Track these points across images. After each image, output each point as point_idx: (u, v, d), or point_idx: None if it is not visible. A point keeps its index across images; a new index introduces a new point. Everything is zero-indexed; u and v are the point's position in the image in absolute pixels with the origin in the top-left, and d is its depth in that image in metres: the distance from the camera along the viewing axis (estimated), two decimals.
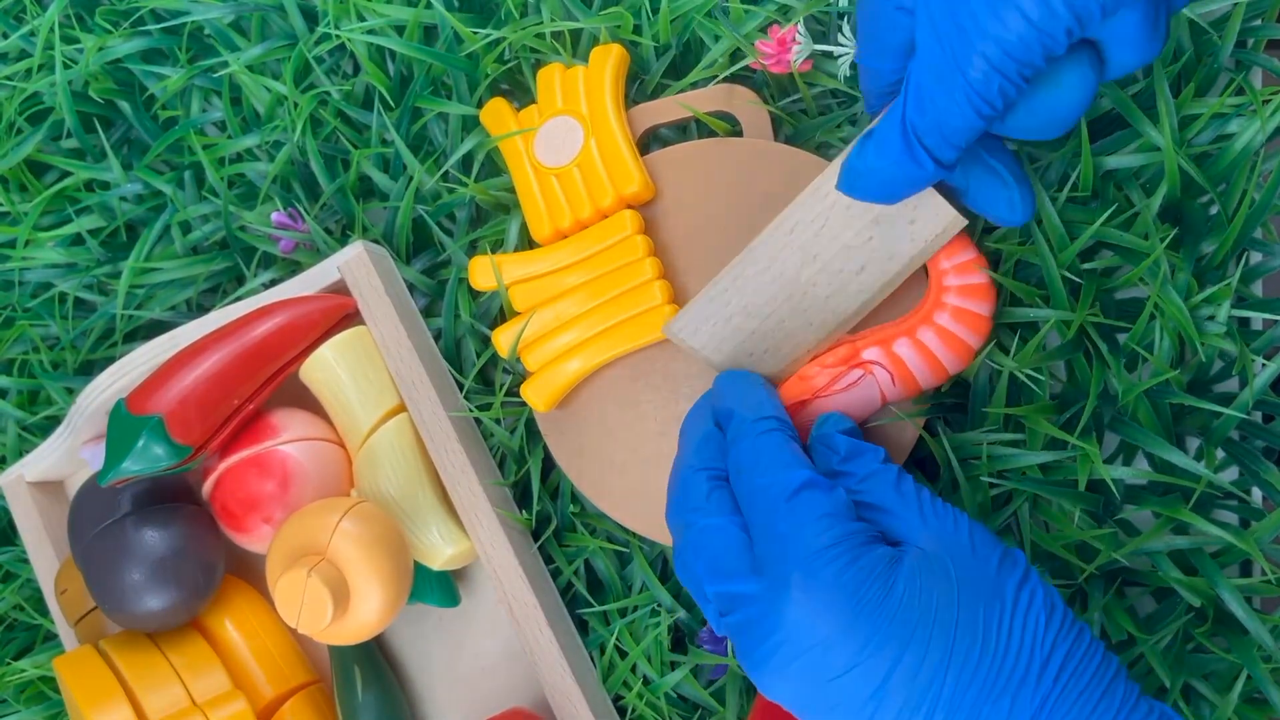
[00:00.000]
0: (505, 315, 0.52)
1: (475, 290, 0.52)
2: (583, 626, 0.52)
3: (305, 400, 0.52)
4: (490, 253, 0.52)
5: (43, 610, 0.59)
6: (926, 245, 0.42)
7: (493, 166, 0.53)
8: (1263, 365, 0.43)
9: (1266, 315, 0.43)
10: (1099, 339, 0.44)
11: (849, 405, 0.44)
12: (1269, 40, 0.45)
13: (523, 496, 0.52)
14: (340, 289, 0.52)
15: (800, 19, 0.47)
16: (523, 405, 0.50)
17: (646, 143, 0.51)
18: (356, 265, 0.51)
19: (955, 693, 0.34)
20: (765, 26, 0.48)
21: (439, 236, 0.53)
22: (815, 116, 0.48)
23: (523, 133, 0.50)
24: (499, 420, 0.51)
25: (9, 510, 0.57)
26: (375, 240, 0.54)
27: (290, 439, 0.50)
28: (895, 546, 0.37)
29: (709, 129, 0.50)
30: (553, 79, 0.50)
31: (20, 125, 0.61)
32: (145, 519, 0.49)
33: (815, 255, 0.43)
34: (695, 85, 0.50)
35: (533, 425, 0.51)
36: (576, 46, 0.51)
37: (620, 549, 0.51)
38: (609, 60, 0.49)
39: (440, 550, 0.50)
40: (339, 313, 0.52)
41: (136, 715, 0.48)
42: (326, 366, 0.50)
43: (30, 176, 0.61)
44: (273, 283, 0.55)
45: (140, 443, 0.47)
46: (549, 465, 0.52)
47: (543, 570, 0.51)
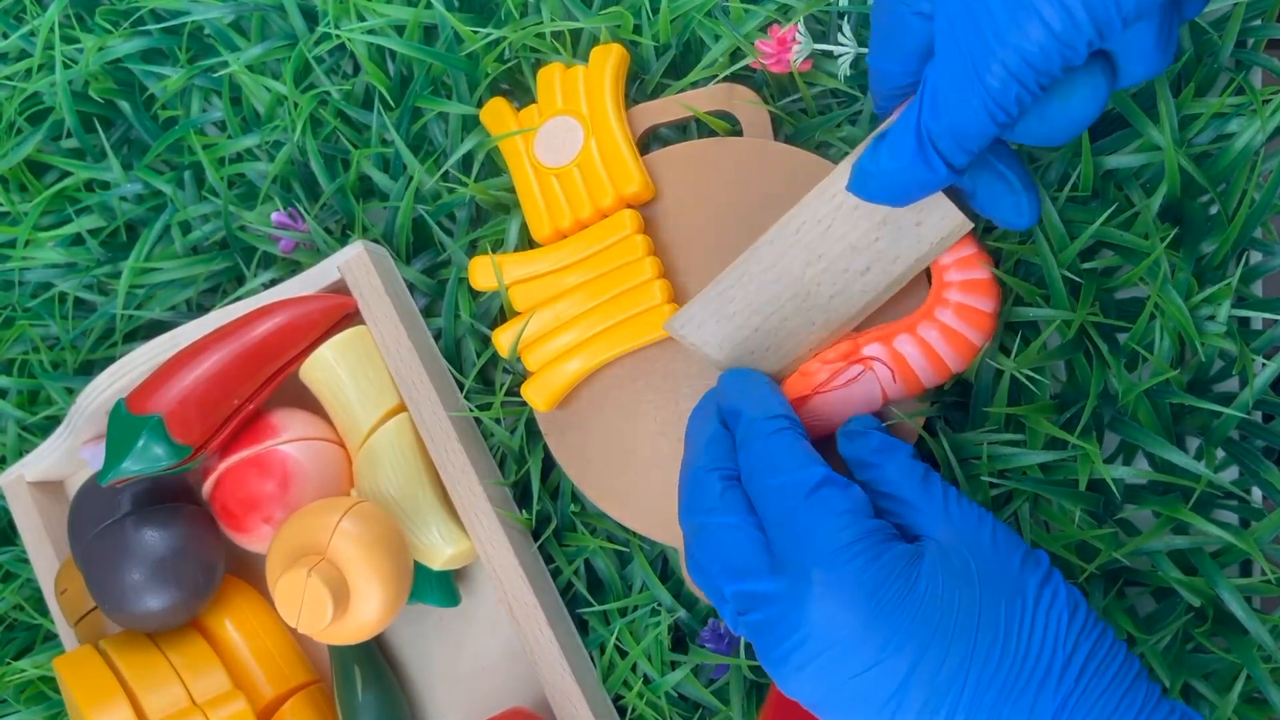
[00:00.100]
0: (505, 315, 0.52)
1: (475, 290, 0.52)
2: (583, 626, 0.52)
3: (305, 400, 0.52)
4: (490, 252, 0.52)
5: (43, 610, 0.59)
6: (932, 247, 0.42)
7: (493, 166, 0.53)
8: (1263, 365, 0.43)
9: (1266, 315, 0.43)
10: (1099, 339, 0.44)
11: (849, 401, 0.43)
12: (1269, 40, 0.45)
13: (523, 496, 0.52)
14: (340, 289, 0.52)
15: (800, 19, 0.47)
16: (523, 405, 0.50)
17: (646, 142, 0.51)
18: (356, 265, 0.51)
19: (976, 692, 0.34)
20: (765, 26, 0.48)
21: (439, 236, 0.53)
22: (815, 116, 0.48)
23: (523, 133, 0.50)
24: (499, 420, 0.51)
25: (9, 510, 0.57)
26: (375, 240, 0.54)
27: (290, 439, 0.50)
28: (914, 542, 0.37)
29: (709, 129, 0.50)
30: (553, 79, 0.50)
31: (20, 125, 0.61)
32: (145, 519, 0.49)
33: (820, 255, 0.43)
34: (695, 85, 0.50)
35: (533, 425, 0.51)
36: (576, 46, 0.51)
37: (620, 549, 0.51)
38: (609, 60, 0.49)
39: (440, 550, 0.50)
40: (339, 313, 0.52)
41: (136, 715, 0.48)
42: (326, 366, 0.50)
43: (30, 176, 0.61)
44: (273, 283, 0.55)
45: (140, 443, 0.47)
46: (549, 465, 0.52)
47: (543, 570, 0.51)
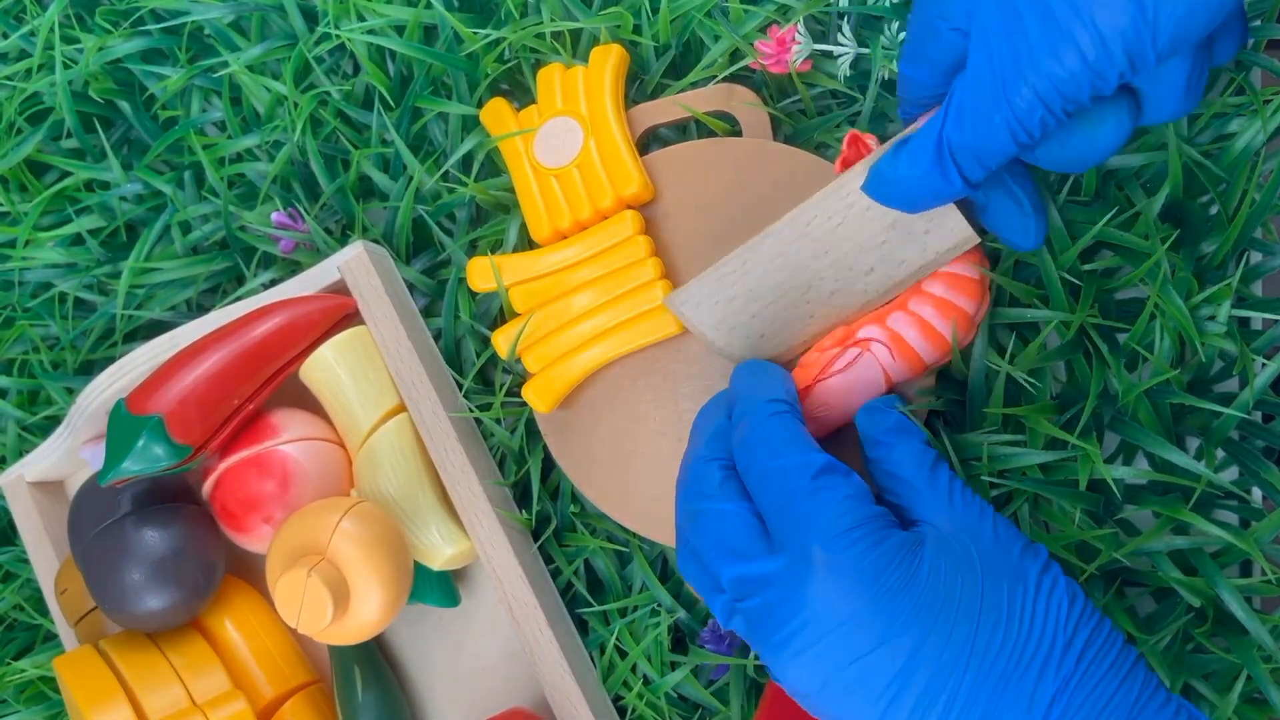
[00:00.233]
0: (505, 316, 0.52)
1: (475, 290, 0.52)
2: (583, 626, 0.52)
3: (305, 400, 0.52)
4: (490, 253, 0.52)
5: (43, 610, 0.59)
6: (938, 256, 0.42)
7: (493, 166, 0.53)
8: (1263, 365, 0.43)
9: (1266, 315, 0.43)
10: (1099, 339, 0.44)
11: (851, 386, 0.43)
12: (1269, 40, 0.45)
13: (523, 496, 0.52)
14: (340, 289, 0.52)
15: (800, 19, 0.47)
16: (523, 405, 0.50)
17: (646, 143, 0.51)
18: (356, 265, 0.51)
19: (979, 675, 0.34)
20: (765, 27, 0.48)
21: (439, 236, 0.53)
22: (814, 117, 0.48)
23: (522, 134, 0.50)
24: (499, 420, 0.51)
25: (9, 510, 0.57)
26: (375, 240, 0.54)
27: (290, 439, 0.50)
28: (913, 527, 0.38)
29: (708, 129, 0.50)
30: (552, 79, 0.50)
31: (20, 125, 0.61)
32: (145, 519, 0.49)
33: (828, 250, 0.43)
34: (695, 85, 0.50)
35: (533, 425, 0.51)
36: (576, 46, 0.51)
37: (620, 549, 0.51)
38: (609, 61, 0.49)
39: (440, 550, 0.50)
40: (339, 313, 0.52)
41: (136, 715, 0.48)
42: (326, 366, 0.50)
43: (30, 176, 0.61)
44: (273, 283, 0.55)
45: (140, 443, 0.47)
46: (549, 465, 0.52)
47: (543, 570, 0.51)
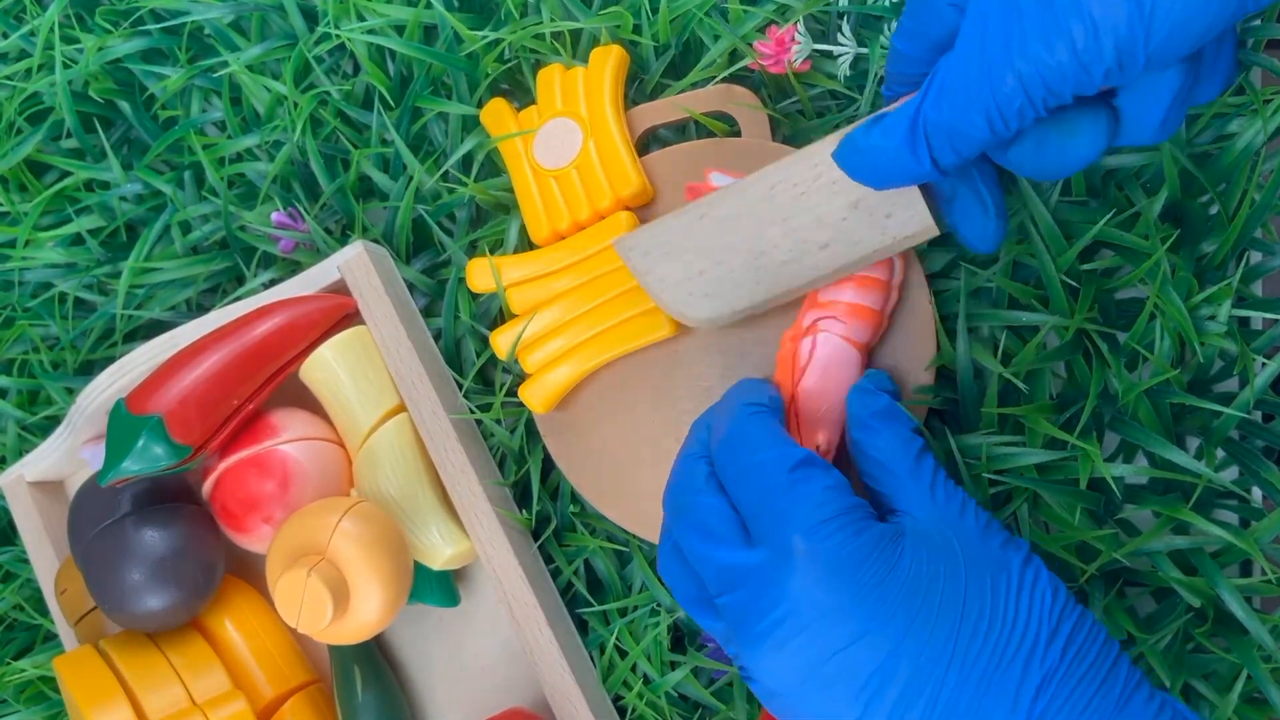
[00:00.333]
0: (504, 316, 0.52)
1: (474, 290, 0.52)
2: (583, 626, 0.52)
3: (305, 400, 0.52)
4: (490, 253, 0.52)
5: (43, 610, 0.59)
6: (894, 243, 0.41)
7: (493, 167, 0.53)
8: (1263, 365, 0.43)
9: (1267, 315, 0.43)
10: (1099, 339, 0.44)
11: (826, 371, 0.43)
12: (1269, 40, 0.45)
13: (523, 496, 0.52)
14: (340, 289, 0.52)
15: (799, 19, 0.47)
16: (522, 405, 0.50)
17: (646, 143, 0.51)
18: (356, 265, 0.51)
19: (963, 667, 0.34)
20: (764, 26, 0.48)
21: (439, 236, 0.53)
22: (813, 118, 0.48)
23: (522, 135, 0.50)
24: (499, 420, 0.51)
25: (9, 510, 0.57)
26: (375, 240, 0.54)
27: (290, 439, 0.50)
28: (892, 516, 0.38)
29: (707, 130, 0.50)
30: (552, 80, 0.50)
31: (20, 125, 0.61)
32: (145, 519, 0.49)
33: (786, 219, 0.42)
34: (695, 85, 0.50)
35: (533, 425, 0.51)
36: (576, 46, 0.51)
37: (620, 549, 0.51)
38: (608, 61, 0.49)
39: (440, 550, 0.50)
40: (339, 313, 0.52)
41: (136, 715, 0.48)
42: (326, 366, 0.50)
43: (30, 176, 0.61)
44: (273, 283, 0.55)
45: (140, 443, 0.47)
46: (549, 465, 0.52)
47: (543, 570, 0.51)
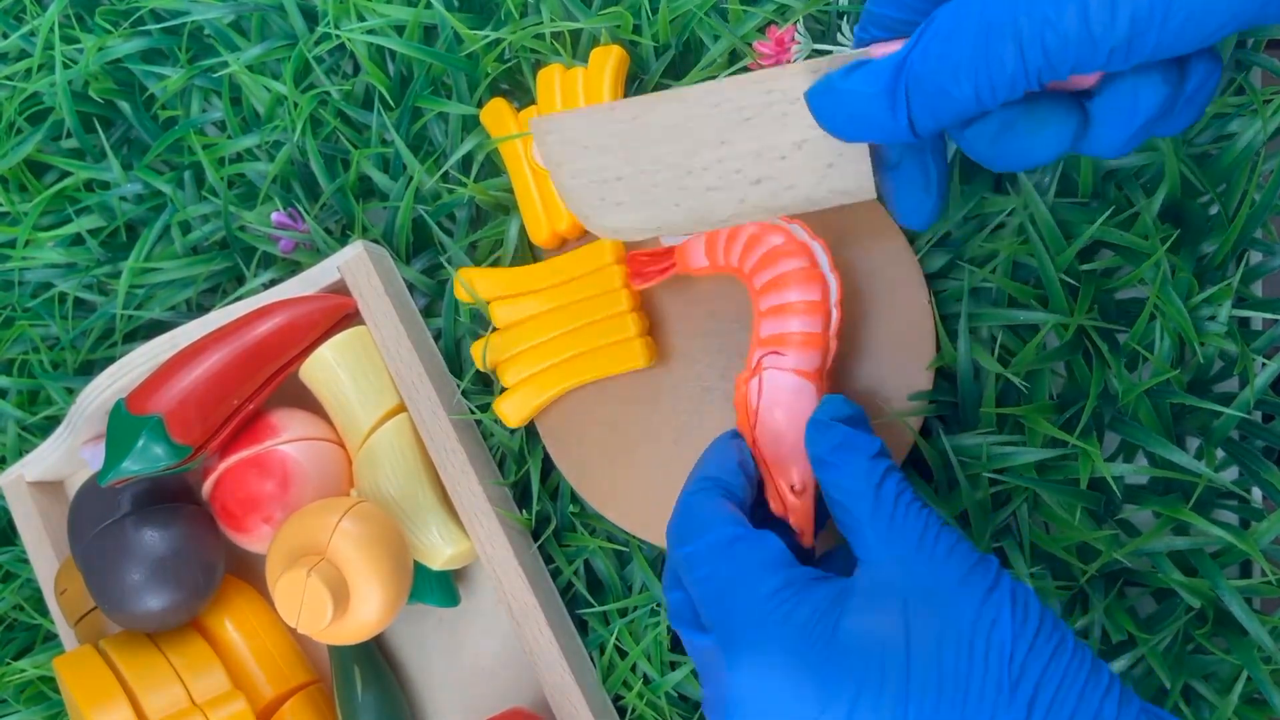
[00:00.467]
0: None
1: (462, 301, 0.52)
2: (583, 626, 0.52)
3: (305, 400, 0.52)
4: (490, 254, 0.52)
5: (43, 610, 0.59)
6: (827, 195, 0.39)
7: (493, 167, 0.53)
8: (1263, 365, 0.43)
9: (1266, 315, 0.43)
10: (1099, 339, 0.44)
11: (782, 408, 0.41)
12: (1269, 40, 0.45)
13: (523, 496, 0.52)
14: (340, 289, 0.52)
15: (799, 19, 0.47)
16: None
17: None
18: (356, 265, 0.51)
19: None
20: (764, 26, 0.48)
21: (439, 236, 0.53)
22: None
23: (522, 136, 0.50)
24: (499, 420, 0.51)
25: (9, 510, 0.57)
26: (375, 240, 0.54)
27: (290, 439, 0.50)
28: (854, 572, 0.36)
29: None
30: (552, 80, 0.50)
31: (20, 125, 0.61)
32: (145, 519, 0.49)
33: (724, 142, 0.39)
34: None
35: (533, 425, 0.51)
36: (576, 46, 0.51)
37: (620, 548, 0.51)
38: (608, 62, 0.49)
39: (440, 550, 0.50)
40: (339, 313, 0.52)
41: (136, 715, 0.48)
42: (326, 366, 0.50)
43: (30, 176, 0.61)
44: (273, 283, 0.55)
45: (140, 443, 0.47)
46: (549, 465, 0.52)
47: (543, 570, 0.51)
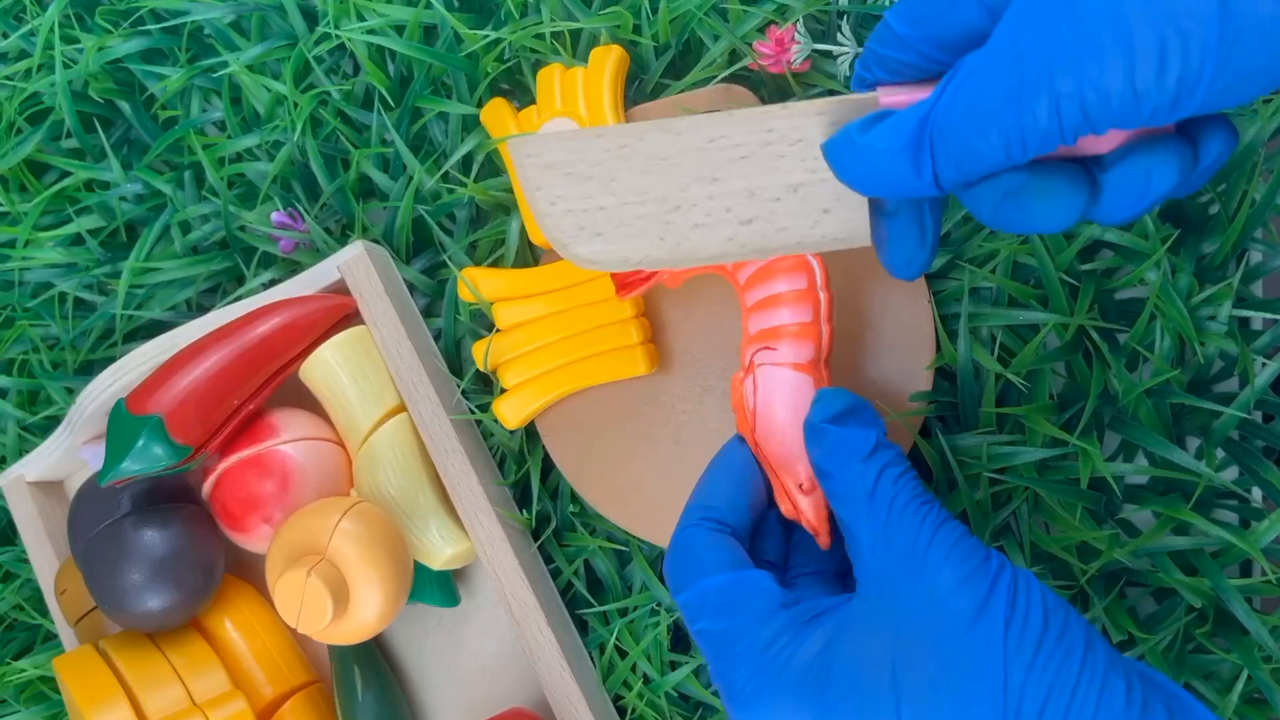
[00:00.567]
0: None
1: (465, 300, 0.52)
2: (583, 626, 0.52)
3: (305, 400, 0.52)
4: (490, 254, 0.52)
5: (43, 610, 0.59)
6: (820, 240, 0.38)
7: (493, 167, 0.53)
8: (1263, 365, 0.43)
9: (1267, 315, 0.43)
10: (1099, 339, 0.44)
11: (780, 406, 0.40)
12: None
13: (523, 496, 0.52)
14: (340, 289, 0.52)
15: (799, 18, 0.47)
16: None
17: None
18: (356, 265, 0.51)
19: None
20: (764, 26, 0.48)
21: (439, 236, 0.53)
22: None
23: (521, 137, 0.50)
24: (499, 420, 0.51)
25: (9, 510, 0.57)
26: (375, 240, 0.54)
27: (290, 439, 0.50)
28: (848, 597, 0.35)
29: None
30: (552, 80, 0.50)
31: (20, 125, 0.61)
32: (145, 519, 0.49)
33: (716, 179, 0.37)
34: (695, 85, 0.50)
35: (533, 425, 0.51)
36: (576, 46, 0.51)
37: (620, 548, 0.51)
38: (608, 61, 0.49)
39: (440, 550, 0.50)
40: (339, 313, 0.52)
41: (136, 715, 0.48)
42: (326, 366, 0.50)
43: (30, 176, 0.61)
44: (273, 283, 0.55)
45: (140, 443, 0.47)
46: (549, 465, 0.52)
47: (543, 570, 0.51)
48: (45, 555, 0.56)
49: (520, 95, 0.53)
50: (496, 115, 0.51)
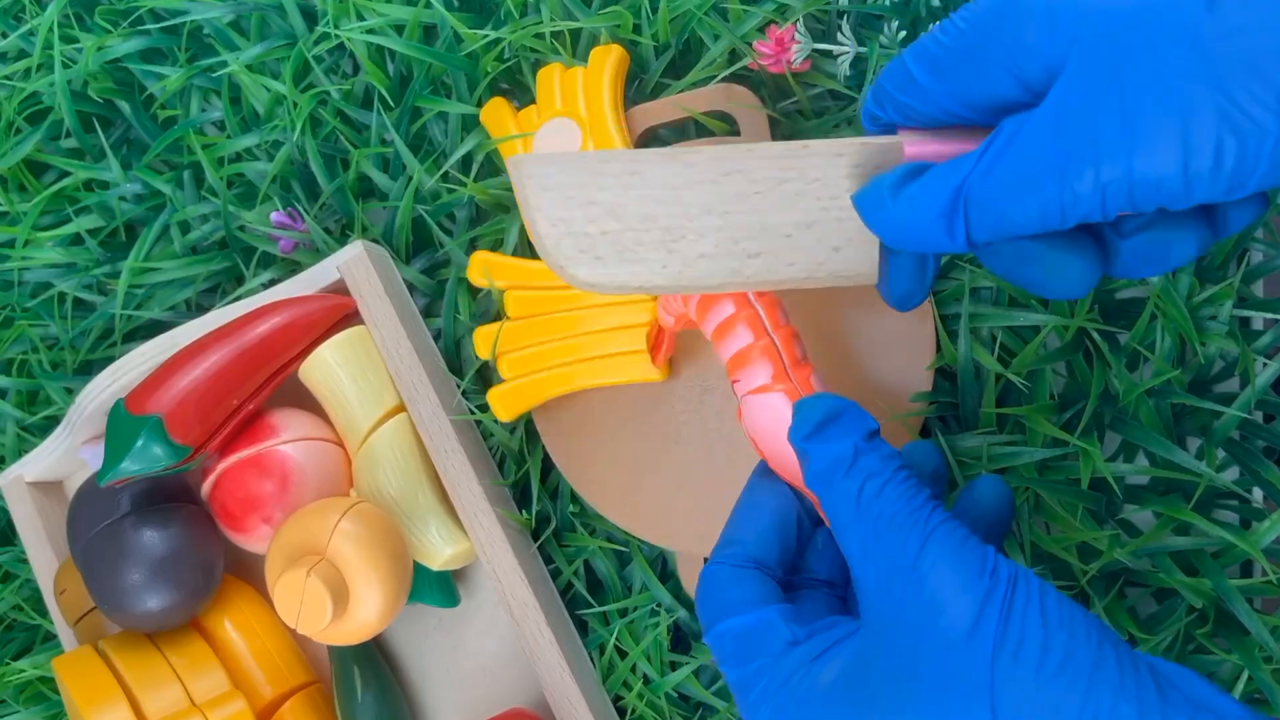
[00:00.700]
0: (502, 317, 0.51)
1: (475, 290, 0.52)
2: (583, 626, 0.52)
3: (305, 400, 0.52)
4: (492, 251, 0.52)
5: (42, 610, 0.59)
6: (828, 276, 0.37)
7: (493, 166, 0.53)
8: (1263, 365, 0.43)
9: (1267, 315, 0.43)
10: (1099, 339, 0.44)
11: (769, 434, 0.38)
12: None
13: (523, 496, 0.52)
14: (340, 289, 0.52)
15: (799, 18, 0.47)
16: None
17: (645, 143, 0.51)
18: (356, 265, 0.51)
19: None
20: (764, 26, 0.48)
21: (439, 236, 0.53)
22: (812, 118, 0.48)
23: (522, 136, 0.50)
24: (499, 420, 0.51)
25: (8, 510, 0.57)
26: (375, 240, 0.54)
27: (290, 439, 0.50)
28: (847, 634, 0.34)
29: (707, 129, 0.50)
30: (552, 80, 0.50)
31: (20, 125, 0.61)
32: (145, 519, 0.49)
33: (726, 212, 0.37)
34: (695, 85, 0.50)
35: (532, 425, 0.51)
36: (576, 46, 0.51)
37: (620, 549, 0.50)
38: (608, 61, 0.49)
39: (440, 550, 0.49)
40: (339, 313, 0.52)
41: (136, 715, 0.48)
42: (326, 366, 0.50)
43: (30, 176, 0.61)
44: (272, 283, 0.55)
45: (139, 443, 0.47)
46: (549, 465, 0.51)
47: (542, 570, 0.51)
48: (45, 555, 0.56)
49: (520, 95, 0.53)
50: (496, 115, 0.51)
